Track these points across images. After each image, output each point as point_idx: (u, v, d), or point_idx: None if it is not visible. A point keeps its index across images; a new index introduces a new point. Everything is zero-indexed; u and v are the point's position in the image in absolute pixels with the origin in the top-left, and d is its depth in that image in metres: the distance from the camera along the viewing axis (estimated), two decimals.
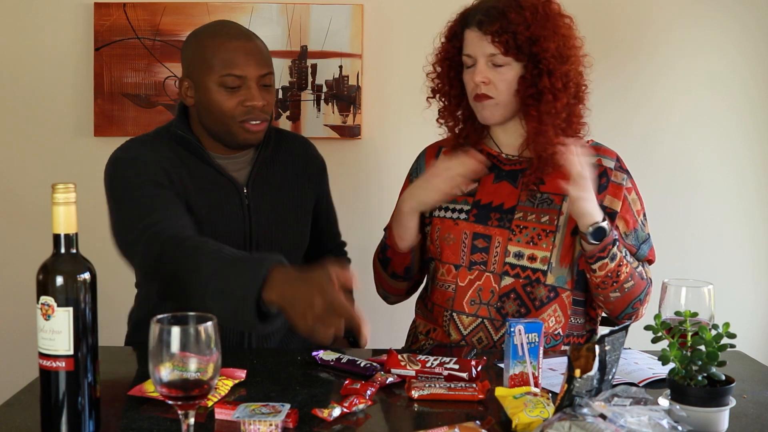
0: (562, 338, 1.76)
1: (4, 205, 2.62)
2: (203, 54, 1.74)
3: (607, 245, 1.67)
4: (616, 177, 1.78)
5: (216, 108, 1.74)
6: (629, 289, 1.73)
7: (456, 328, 1.78)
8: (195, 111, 1.80)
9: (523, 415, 1.23)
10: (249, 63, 1.73)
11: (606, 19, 2.57)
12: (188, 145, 1.79)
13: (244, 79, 1.73)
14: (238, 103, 1.73)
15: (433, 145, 1.94)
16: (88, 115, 2.57)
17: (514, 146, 1.83)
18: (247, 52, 1.73)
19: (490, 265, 1.76)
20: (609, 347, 1.16)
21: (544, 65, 1.69)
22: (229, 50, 1.72)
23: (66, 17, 2.56)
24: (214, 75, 1.72)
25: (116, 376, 1.44)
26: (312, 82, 2.56)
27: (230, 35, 1.75)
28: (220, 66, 1.72)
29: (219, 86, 1.72)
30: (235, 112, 1.74)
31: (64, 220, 1.14)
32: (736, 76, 2.60)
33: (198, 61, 1.75)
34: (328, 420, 1.27)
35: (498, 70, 1.72)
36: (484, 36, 1.71)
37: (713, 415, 1.22)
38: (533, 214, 1.75)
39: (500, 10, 1.70)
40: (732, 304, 2.50)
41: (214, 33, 1.76)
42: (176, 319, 1.07)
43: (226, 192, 1.79)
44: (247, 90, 1.73)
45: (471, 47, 1.74)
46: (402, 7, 2.58)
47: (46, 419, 1.16)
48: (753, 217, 2.65)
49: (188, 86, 1.78)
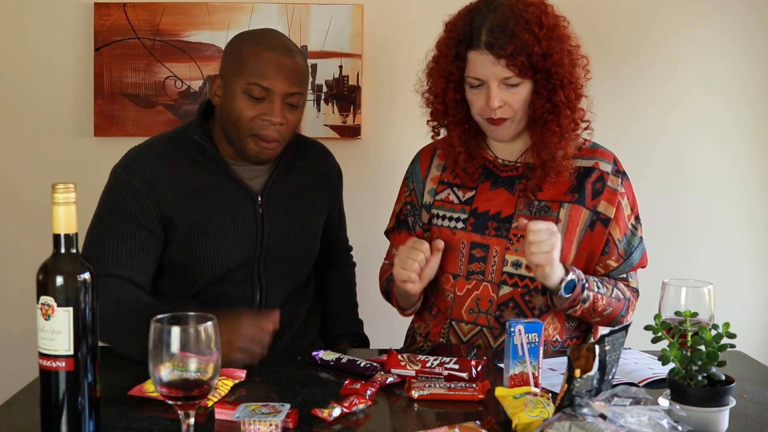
0: (561, 343, 1.77)
1: (4, 205, 2.62)
2: (239, 57, 1.71)
3: (576, 296, 1.66)
4: (612, 182, 1.76)
5: (235, 113, 1.70)
6: (608, 314, 1.74)
7: (456, 336, 1.78)
8: (219, 111, 1.77)
9: (523, 415, 1.23)
10: (279, 77, 1.68)
11: (606, 19, 2.56)
12: (204, 150, 1.76)
13: (270, 93, 1.69)
14: (257, 114, 1.69)
15: (427, 147, 1.91)
16: (88, 115, 2.57)
17: (510, 151, 1.80)
18: (280, 66, 1.69)
19: (488, 274, 1.74)
20: (609, 347, 1.16)
21: (557, 79, 1.65)
22: (263, 60, 1.69)
23: (66, 17, 2.56)
24: (242, 80, 1.69)
25: (116, 376, 1.44)
26: (312, 82, 2.56)
27: (270, 46, 1.71)
28: (250, 73, 1.68)
29: (244, 93, 1.69)
30: (252, 123, 1.70)
31: (64, 220, 1.14)
32: (736, 76, 2.60)
33: (232, 63, 1.72)
34: (328, 420, 1.27)
35: (511, 90, 1.66)
36: (497, 60, 1.62)
37: (713, 415, 1.22)
38: None
39: (510, 31, 1.61)
40: (732, 304, 2.50)
41: (257, 39, 1.73)
42: (176, 319, 1.07)
43: (239, 201, 1.77)
44: (270, 104, 1.69)
45: (480, 71, 1.65)
46: (402, 7, 2.58)
47: (46, 419, 1.16)
48: (753, 216, 2.65)
49: (219, 85, 1.75)
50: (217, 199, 1.75)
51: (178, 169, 1.74)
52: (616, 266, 1.78)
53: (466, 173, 1.80)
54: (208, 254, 1.74)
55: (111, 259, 1.67)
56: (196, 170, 1.75)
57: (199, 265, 1.74)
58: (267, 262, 1.80)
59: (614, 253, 1.76)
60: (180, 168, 1.74)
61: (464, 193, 1.79)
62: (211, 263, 1.74)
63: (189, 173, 1.74)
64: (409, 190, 1.88)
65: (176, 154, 1.76)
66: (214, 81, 1.77)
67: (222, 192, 1.75)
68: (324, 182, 1.93)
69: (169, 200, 1.71)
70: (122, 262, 1.68)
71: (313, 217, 1.89)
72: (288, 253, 1.82)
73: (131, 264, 1.69)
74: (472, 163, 1.79)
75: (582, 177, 1.76)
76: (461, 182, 1.81)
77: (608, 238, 1.75)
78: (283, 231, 1.81)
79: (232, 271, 1.77)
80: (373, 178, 2.60)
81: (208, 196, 1.74)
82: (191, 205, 1.73)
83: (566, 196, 1.74)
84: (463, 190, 1.80)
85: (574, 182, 1.75)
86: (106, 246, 1.68)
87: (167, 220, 1.72)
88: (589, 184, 1.75)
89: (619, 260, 1.77)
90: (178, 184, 1.72)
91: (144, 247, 1.70)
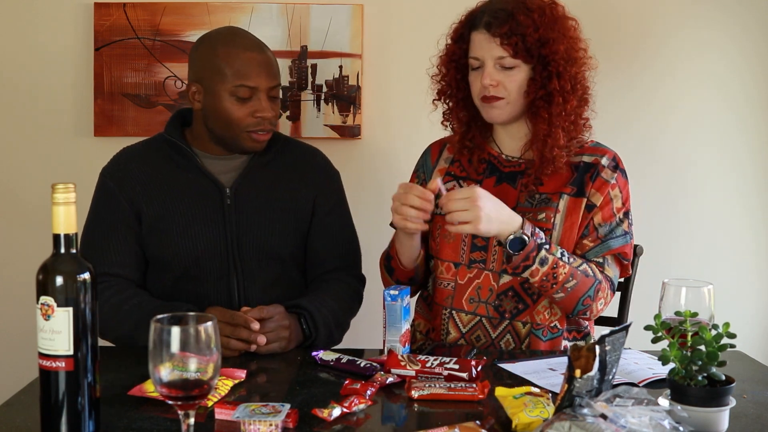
0: (562, 331, 1.77)
1: (4, 205, 2.62)
2: (216, 61, 1.79)
3: (529, 253, 1.65)
4: (605, 174, 1.78)
5: (225, 116, 1.80)
6: (573, 288, 1.70)
7: (455, 326, 1.78)
8: (201, 114, 1.84)
9: (523, 415, 1.23)
10: (261, 75, 1.79)
11: (606, 20, 2.56)
12: (176, 147, 1.86)
13: (255, 90, 1.79)
14: (249, 113, 1.80)
15: (438, 141, 1.96)
16: (88, 115, 2.57)
17: (515, 148, 1.83)
18: (259, 64, 1.79)
19: (489, 263, 1.76)
20: (609, 347, 1.16)
21: (554, 67, 1.70)
22: (242, 61, 1.78)
23: (66, 17, 2.56)
24: (226, 84, 1.78)
25: (116, 376, 1.44)
26: (312, 82, 2.56)
27: (245, 46, 1.81)
28: (233, 76, 1.78)
29: (230, 95, 1.79)
30: (245, 122, 1.80)
31: (63, 220, 1.14)
32: (736, 77, 2.60)
33: (209, 68, 1.80)
34: (328, 420, 1.27)
35: (507, 72, 1.72)
36: (493, 38, 1.71)
37: (713, 415, 1.22)
38: (531, 214, 1.75)
39: (508, 12, 1.70)
40: (732, 304, 2.50)
41: (228, 41, 1.81)
42: (176, 319, 1.07)
43: (206, 192, 1.84)
44: (257, 101, 1.80)
45: (478, 49, 1.74)
46: (402, 7, 2.57)
47: (46, 419, 1.16)
48: (753, 217, 2.65)
49: (197, 91, 1.83)
50: (183, 191, 1.83)
51: (150, 165, 1.85)
52: (591, 246, 1.76)
53: (470, 164, 1.84)
54: (173, 242, 1.82)
55: (101, 257, 1.78)
56: (166, 166, 1.85)
57: (168, 254, 1.82)
58: (241, 256, 1.83)
59: (592, 235, 1.76)
60: (151, 164, 1.86)
61: (469, 185, 1.80)
62: (176, 251, 1.81)
63: (160, 169, 1.85)
64: (420, 181, 1.93)
65: (149, 153, 1.88)
66: (189, 88, 1.84)
67: (189, 184, 1.84)
68: (308, 176, 1.94)
69: (138, 193, 1.82)
70: (112, 259, 1.80)
71: (293, 209, 1.90)
72: (261, 245, 1.85)
73: (119, 260, 1.81)
74: (476, 155, 1.83)
75: (583, 171, 1.78)
76: (467, 175, 1.84)
77: (589, 222, 1.76)
78: (254, 221, 1.85)
79: (202, 261, 1.82)
80: (373, 178, 2.60)
81: (175, 189, 1.83)
82: (158, 197, 1.82)
83: (566, 188, 1.77)
84: (468, 183, 1.82)
85: (574, 174, 1.77)
86: (95, 245, 1.80)
87: (138, 212, 1.82)
88: (588, 178, 1.78)
89: (595, 241, 1.76)
90: (147, 179, 1.84)
91: (128, 243, 1.82)
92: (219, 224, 1.83)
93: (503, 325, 1.76)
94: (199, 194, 1.84)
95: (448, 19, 1.84)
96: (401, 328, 1.58)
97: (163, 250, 1.83)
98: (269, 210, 1.87)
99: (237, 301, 1.83)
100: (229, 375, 1.44)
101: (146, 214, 1.82)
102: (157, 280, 1.86)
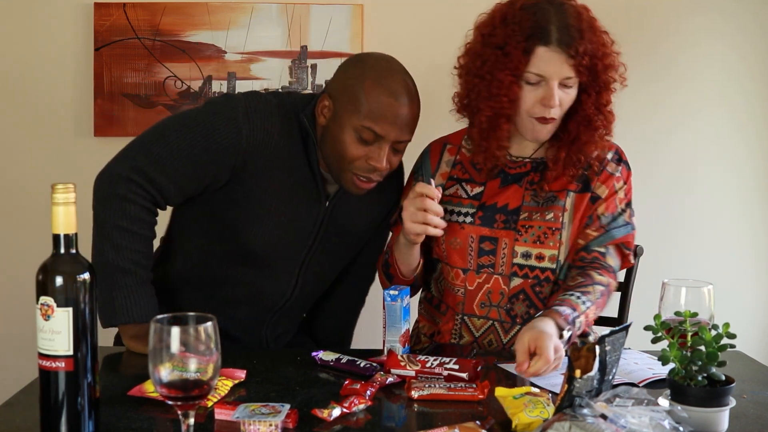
0: None
1: (4, 205, 2.62)
2: (357, 92, 1.65)
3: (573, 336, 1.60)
4: (610, 167, 1.79)
5: (340, 147, 1.66)
6: (597, 313, 1.70)
7: (468, 331, 1.78)
8: (322, 131, 1.71)
9: (523, 415, 1.23)
10: (394, 127, 1.64)
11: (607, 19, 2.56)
12: (308, 139, 1.72)
13: (380, 139, 1.65)
14: (364, 156, 1.65)
15: (437, 141, 1.90)
16: (88, 115, 2.57)
17: (524, 147, 1.80)
18: (397, 115, 1.64)
19: (498, 267, 1.75)
20: (609, 347, 1.16)
21: (607, 81, 1.69)
22: (382, 104, 1.63)
23: (66, 17, 2.56)
24: (355, 119, 1.63)
25: (116, 376, 1.44)
26: (312, 82, 2.56)
27: (392, 91, 1.65)
28: (366, 114, 1.63)
29: (354, 131, 1.64)
30: (356, 163, 1.66)
31: (63, 220, 1.14)
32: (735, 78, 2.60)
33: (348, 94, 1.66)
34: (328, 420, 1.27)
35: (565, 90, 1.66)
36: (567, 58, 1.62)
37: (713, 415, 1.22)
38: (538, 213, 1.75)
39: (578, 30, 1.63)
40: (732, 304, 2.50)
41: (379, 76, 1.66)
42: (176, 319, 1.07)
43: (309, 200, 1.73)
44: (378, 148, 1.65)
45: (546, 67, 1.63)
46: (402, 7, 2.58)
47: (46, 419, 1.15)
48: (753, 217, 2.65)
49: (328, 107, 1.69)
50: (290, 192, 1.71)
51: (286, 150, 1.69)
52: (595, 235, 1.75)
53: (480, 171, 1.79)
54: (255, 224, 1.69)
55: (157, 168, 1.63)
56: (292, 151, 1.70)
57: (245, 234, 1.70)
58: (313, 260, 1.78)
59: (595, 224, 1.75)
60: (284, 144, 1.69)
61: (473, 188, 1.80)
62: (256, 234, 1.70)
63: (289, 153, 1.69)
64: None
65: (289, 131, 1.70)
66: (322, 99, 1.70)
67: (299, 185, 1.71)
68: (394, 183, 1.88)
69: (258, 168, 1.66)
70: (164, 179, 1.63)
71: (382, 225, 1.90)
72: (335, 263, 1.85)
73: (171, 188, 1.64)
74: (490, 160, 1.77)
75: (588, 167, 1.77)
76: (470, 177, 1.81)
77: (593, 213, 1.75)
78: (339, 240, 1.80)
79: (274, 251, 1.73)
80: None
81: (285, 186, 1.70)
82: (267, 174, 1.68)
83: (572, 185, 1.76)
84: (471, 185, 1.80)
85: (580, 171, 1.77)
86: (162, 157, 1.63)
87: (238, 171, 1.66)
88: (593, 173, 1.77)
89: (599, 230, 1.75)
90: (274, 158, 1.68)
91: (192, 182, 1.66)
92: (309, 232, 1.75)
93: (515, 330, 1.74)
94: (301, 200, 1.72)
95: (448, 19, 1.84)
96: (401, 329, 1.58)
97: (240, 227, 1.70)
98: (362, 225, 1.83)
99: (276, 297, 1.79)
100: (229, 375, 1.44)
101: (246, 181, 1.67)
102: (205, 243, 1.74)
